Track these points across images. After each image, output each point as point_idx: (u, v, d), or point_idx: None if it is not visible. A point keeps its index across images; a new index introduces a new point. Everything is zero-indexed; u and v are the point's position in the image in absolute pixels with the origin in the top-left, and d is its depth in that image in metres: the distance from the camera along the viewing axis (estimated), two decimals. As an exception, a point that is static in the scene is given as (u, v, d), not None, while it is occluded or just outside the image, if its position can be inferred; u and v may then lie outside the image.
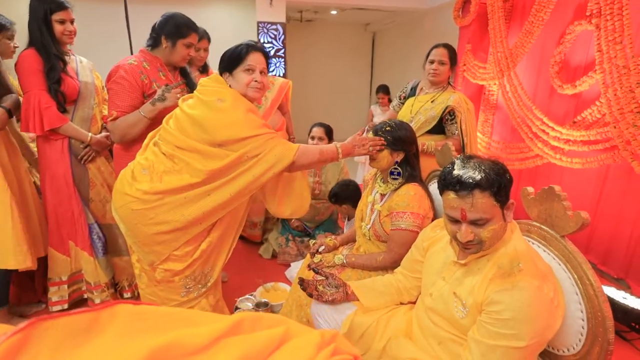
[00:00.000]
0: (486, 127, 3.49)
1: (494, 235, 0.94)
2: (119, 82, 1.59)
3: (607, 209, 2.39)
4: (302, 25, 6.67)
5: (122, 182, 1.40)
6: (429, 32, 5.09)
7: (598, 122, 2.31)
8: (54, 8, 1.65)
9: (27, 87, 1.66)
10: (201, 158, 1.33)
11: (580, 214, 0.96)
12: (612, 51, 2.12)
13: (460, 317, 0.98)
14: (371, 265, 1.52)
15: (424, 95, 2.17)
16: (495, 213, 0.92)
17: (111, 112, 1.60)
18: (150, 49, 1.69)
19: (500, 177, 0.91)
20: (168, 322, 0.49)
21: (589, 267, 0.95)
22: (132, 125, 1.59)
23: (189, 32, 1.66)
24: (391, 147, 1.49)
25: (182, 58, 1.70)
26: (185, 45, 1.67)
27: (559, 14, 2.61)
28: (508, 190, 0.93)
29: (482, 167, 0.92)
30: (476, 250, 0.97)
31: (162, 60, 1.69)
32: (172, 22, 1.64)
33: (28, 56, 1.64)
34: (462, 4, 3.53)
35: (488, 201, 0.91)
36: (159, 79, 1.67)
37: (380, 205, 1.55)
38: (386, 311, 1.25)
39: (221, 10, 5.47)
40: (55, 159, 1.76)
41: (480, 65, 3.35)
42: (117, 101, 1.59)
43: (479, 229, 0.93)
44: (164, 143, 1.38)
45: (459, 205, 0.93)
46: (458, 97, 2.04)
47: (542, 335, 0.87)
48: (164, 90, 1.58)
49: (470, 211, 0.92)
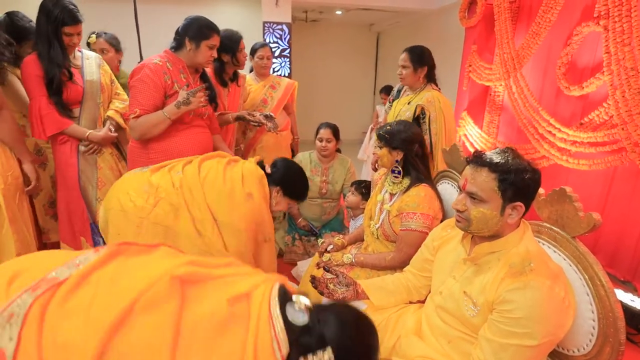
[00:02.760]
0: (492, 128, 3.49)
1: (482, 218, 0.97)
2: (144, 80, 1.60)
3: (614, 211, 2.39)
4: (307, 25, 6.69)
5: (120, 186, 1.39)
6: (433, 33, 5.09)
7: (605, 124, 2.31)
8: (67, 22, 1.64)
9: (30, 94, 1.68)
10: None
11: (592, 215, 0.96)
12: (620, 53, 2.12)
13: (471, 315, 0.99)
14: (380, 265, 1.54)
15: (404, 98, 2.21)
16: (493, 199, 0.95)
17: (133, 110, 1.61)
18: (174, 50, 1.71)
19: (515, 173, 0.93)
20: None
21: (600, 267, 0.96)
22: (155, 125, 1.61)
23: (211, 34, 1.69)
24: (389, 145, 1.53)
25: (206, 59, 1.72)
26: (209, 46, 1.70)
27: (566, 15, 2.61)
28: (519, 189, 0.94)
29: (508, 158, 0.96)
30: (463, 226, 1.02)
31: (185, 62, 1.71)
32: (195, 24, 1.67)
33: (29, 62, 1.65)
34: (468, 5, 3.53)
35: (490, 183, 0.95)
36: (180, 80, 1.70)
37: (390, 205, 1.57)
38: (396, 310, 1.27)
39: (228, 10, 5.48)
40: (65, 159, 1.79)
41: (486, 66, 3.36)
42: (141, 99, 1.61)
43: (472, 204, 0.98)
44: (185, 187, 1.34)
45: (466, 174, 1.01)
46: (430, 96, 2.02)
47: (554, 334, 0.88)
48: (189, 94, 1.61)
49: (471, 182, 0.98)
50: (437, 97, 2.03)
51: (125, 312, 0.60)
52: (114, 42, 2.36)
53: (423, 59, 2.08)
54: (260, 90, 2.56)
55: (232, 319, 0.65)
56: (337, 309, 0.78)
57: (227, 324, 0.64)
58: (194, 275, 0.70)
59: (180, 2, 5.12)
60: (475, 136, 3.60)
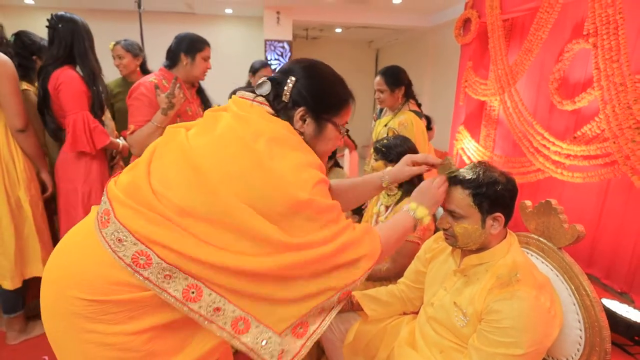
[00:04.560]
0: (488, 141, 3.54)
1: (465, 233, 1.01)
2: (139, 98, 1.68)
3: (609, 222, 2.41)
4: (307, 43, 6.85)
5: None
6: (431, 50, 5.21)
7: (598, 137, 2.35)
8: (91, 38, 1.81)
9: (73, 109, 1.73)
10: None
11: (576, 226, 1.00)
12: (609, 69, 2.18)
13: (461, 325, 1.01)
14: (376, 276, 1.56)
15: (384, 119, 2.25)
16: (471, 214, 1.00)
17: (129, 127, 1.69)
18: (169, 68, 1.78)
19: (487, 186, 0.98)
20: None
21: (586, 278, 0.99)
22: (148, 136, 1.66)
23: (204, 46, 1.78)
24: (385, 158, 1.58)
25: (202, 71, 1.80)
26: (204, 58, 1.78)
27: (557, 32, 2.69)
28: (494, 200, 0.98)
29: (479, 172, 1.00)
30: (452, 242, 1.07)
31: (182, 77, 1.78)
32: (187, 39, 1.76)
33: (73, 79, 1.73)
34: (463, 23, 3.63)
35: (465, 200, 1.00)
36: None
37: (384, 217, 1.60)
38: (390, 321, 1.29)
39: (231, 29, 5.65)
40: (74, 168, 1.82)
41: (482, 82, 3.43)
42: (137, 116, 1.68)
43: (454, 221, 1.03)
44: None
45: (448, 194, 1.04)
46: (404, 119, 2.05)
47: (541, 343, 0.90)
48: (168, 97, 1.64)
49: (449, 201, 1.04)
50: (411, 120, 2.06)
51: (152, 151, 0.84)
52: (131, 47, 2.47)
53: (398, 80, 2.11)
54: None
55: (216, 114, 0.85)
56: (292, 61, 0.92)
57: (213, 117, 0.85)
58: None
59: (184, 20, 5.30)
60: (472, 149, 3.65)
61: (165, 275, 0.71)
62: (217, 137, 0.78)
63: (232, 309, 0.72)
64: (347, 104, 0.93)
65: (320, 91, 0.88)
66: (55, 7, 4.81)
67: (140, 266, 0.70)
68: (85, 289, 0.72)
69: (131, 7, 3.28)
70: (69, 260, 0.77)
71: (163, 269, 0.70)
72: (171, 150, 0.80)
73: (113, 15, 5.00)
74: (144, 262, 0.70)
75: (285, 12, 4.67)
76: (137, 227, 0.72)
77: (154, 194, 0.74)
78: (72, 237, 0.83)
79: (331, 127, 0.90)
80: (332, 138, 0.91)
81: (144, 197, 0.74)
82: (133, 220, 0.72)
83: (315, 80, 0.87)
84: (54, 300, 0.75)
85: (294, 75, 0.85)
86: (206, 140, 0.79)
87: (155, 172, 0.78)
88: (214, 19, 5.45)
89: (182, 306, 0.71)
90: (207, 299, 0.71)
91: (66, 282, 0.74)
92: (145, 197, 0.74)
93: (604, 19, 2.18)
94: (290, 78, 0.85)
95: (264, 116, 0.83)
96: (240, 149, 0.75)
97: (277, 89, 0.86)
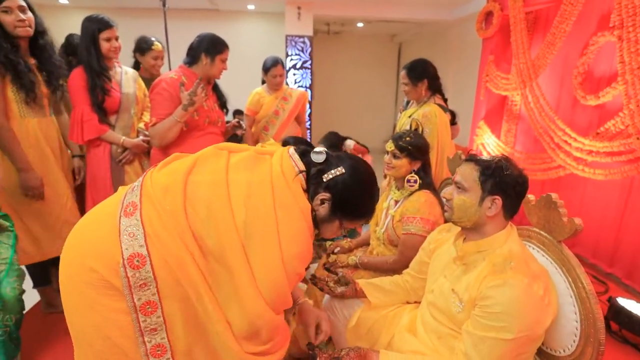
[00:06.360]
0: (509, 137, 3.48)
1: (462, 206, 1.06)
2: (161, 92, 1.79)
3: (632, 221, 2.34)
4: (329, 37, 6.86)
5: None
6: (453, 43, 5.12)
7: (622, 134, 2.28)
8: (101, 27, 1.87)
9: (74, 102, 1.90)
10: None
11: (574, 220, 1.01)
12: (634, 62, 2.11)
13: (457, 311, 1.05)
14: (382, 267, 1.61)
15: (409, 110, 2.27)
16: (473, 188, 1.05)
17: (151, 119, 1.80)
18: (189, 65, 1.89)
19: (496, 169, 1.03)
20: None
21: (582, 270, 1.00)
22: (168, 129, 1.78)
23: (224, 49, 1.88)
24: (410, 156, 1.58)
25: (219, 71, 1.91)
26: (222, 60, 1.88)
27: (581, 25, 2.61)
28: (497, 182, 1.03)
29: (495, 159, 1.07)
30: (448, 215, 1.13)
31: (200, 74, 1.88)
32: (208, 39, 1.86)
33: (76, 75, 1.88)
34: (485, 16, 3.57)
35: (472, 174, 1.06)
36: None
37: (394, 210, 1.64)
38: (392, 308, 1.34)
39: (252, 24, 5.75)
40: (97, 161, 1.97)
41: (503, 76, 3.37)
42: (158, 109, 1.79)
43: (456, 194, 1.09)
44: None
45: (459, 167, 1.12)
46: (429, 111, 2.05)
47: (531, 329, 0.93)
48: (190, 95, 1.75)
49: (458, 173, 1.11)
50: (435, 113, 2.06)
51: (192, 163, 0.92)
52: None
53: (421, 74, 2.14)
54: (272, 102, 2.71)
55: (261, 157, 0.97)
56: (350, 156, 1.04)
57: (257, 158, 0.96)
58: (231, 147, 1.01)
59: (208, 17, 5.44)
60: (492, 145, 3.60)
61: (141, 284, 0.81)
62: (254, 183, 0.90)
63: (162, 337, 0.84)
64: (363, 219, 1.05)
65: (351, 197, 0.98)
66: (89, 7, 5.07)
67: (134, 267, 0.80)
68: (100, 263, 0.82)
69: (156, 4, 3.41)
70: (92, 234, 0.88)
71: (145, 278, 0.80)
72: (210, 175, 0.92)
73: (139, 12, 5.20)
74: (137, 264, 0.81)
75: (306, 7, 4.72)
76: (151, 232, 0.83)
77: (186, 217, 0.85)
78: (97, 214, 0.94)
79: (338, 223, 1.01)
80: (333, 230, 1.03)
81: (176, 211, 0.85)
82: (153, 225, 0.83)
83: (353, 185, 0.97)
84: (70, 268, 0.86)
85: (343, 168, 0.97)
86: (243, 178, 0.91)
87: (191, 196, 0.87)
88: (236, 15, 5.57)
89: (133, 313, 0.81)
90: (154, 320, 0.82)
91: (86, 251, 0.85)
92: (177, 217, 0.85)
93: (630, 10, 2.11)
94: (339, 168, 0.97)
95: (296, 195, 0.93)
96: (264, 215, 0.87)
97: (323, 166, 0.98)
